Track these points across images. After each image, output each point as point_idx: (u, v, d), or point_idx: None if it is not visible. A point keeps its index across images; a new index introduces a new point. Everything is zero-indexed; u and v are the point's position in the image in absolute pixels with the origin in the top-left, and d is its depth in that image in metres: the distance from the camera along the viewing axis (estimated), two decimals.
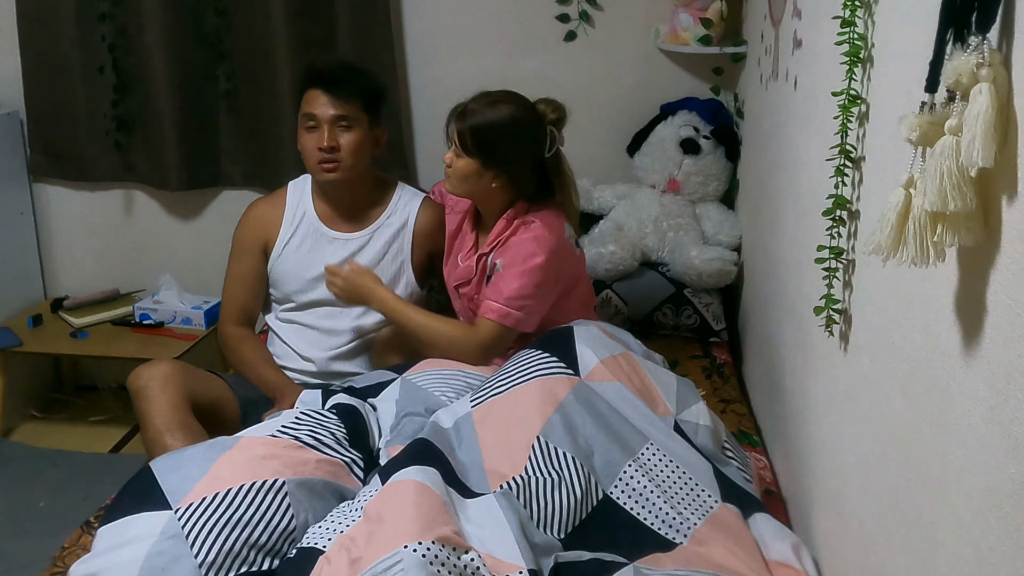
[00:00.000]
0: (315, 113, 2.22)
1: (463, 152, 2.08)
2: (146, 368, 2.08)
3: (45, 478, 2.89)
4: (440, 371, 2.03)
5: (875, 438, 1.35)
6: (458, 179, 2.11)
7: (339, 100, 2.22)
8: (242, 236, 2.41)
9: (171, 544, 1.49)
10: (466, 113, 2.08)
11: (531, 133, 2.10)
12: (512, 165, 2.11)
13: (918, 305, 1.18)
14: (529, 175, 2.14)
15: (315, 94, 2.24)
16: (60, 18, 3.04)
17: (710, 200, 2.90)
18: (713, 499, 1.68)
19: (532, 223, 2.11)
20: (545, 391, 1.79)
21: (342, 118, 2.22)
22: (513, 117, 2.07)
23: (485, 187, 2.11)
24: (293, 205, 2.39)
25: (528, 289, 2.08)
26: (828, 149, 1.52)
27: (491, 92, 2.12)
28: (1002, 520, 0.92)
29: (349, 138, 2.24)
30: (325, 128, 2.21)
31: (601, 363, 1.86)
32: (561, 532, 1.60)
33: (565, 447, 1.69)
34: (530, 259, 2.08)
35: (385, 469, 1.65)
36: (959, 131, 0.89)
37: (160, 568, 1.48)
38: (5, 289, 3.21)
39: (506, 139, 2.08)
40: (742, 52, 2.78)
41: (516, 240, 2.11)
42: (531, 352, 1.91)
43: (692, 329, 2.72)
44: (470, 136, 2.06)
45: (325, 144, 2.21)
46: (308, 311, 2.38)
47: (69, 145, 3.19)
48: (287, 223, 2.38)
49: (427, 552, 1.37)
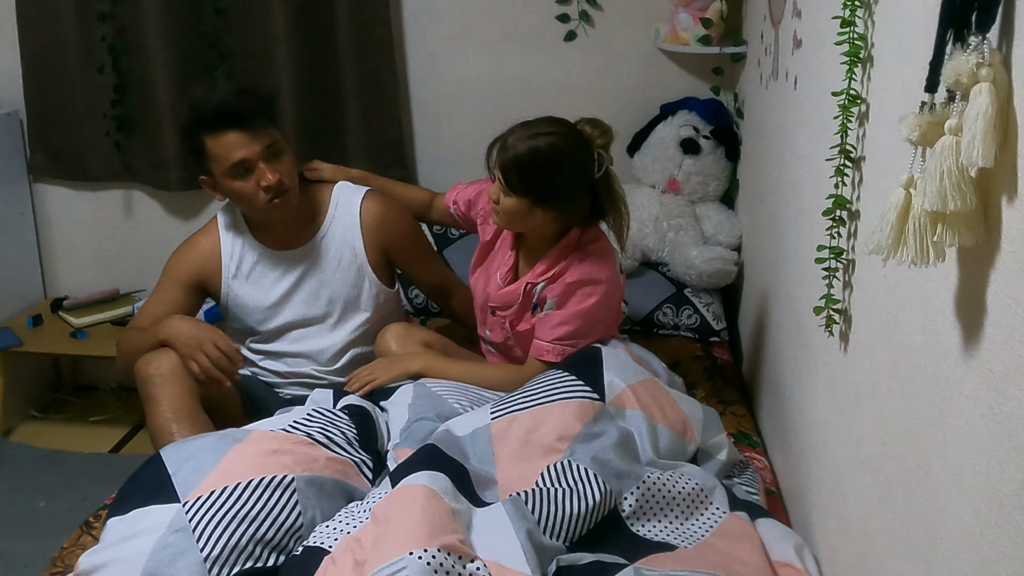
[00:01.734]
0: (245, 157, 2.00)
1: (510, 191, 1.93)
2: (155, 356, 2.00)
3: (45, 478, 2.89)
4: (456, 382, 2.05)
5: (875, 438, 1.35)
6: (507, 217, 1.98)
7: (256, 132, 2.01)
8: (176, 268, 2.20)
9: (177, 538, 1.51)
10: (507, 149, 1.93)
11: (580, 162, 1.95)
12: (563, 200, 1.97)
13: (918, 305, 1.18)
14: (580, 204, 2.01)
15: (228, 138, 2.00)
16: (60, 18, 3.04)
17: (710, 200, 2.90)
18: (721, 511, 1.69)
19: (586, 258, 2.00)
20: (567, 414, 1.78)
21: (268, 148, 2.03)
22: (558, 149, 1.91)
23: (536, 222, 1.99)
24: (228, 237, 2.22)
25: (581, 330, 2.01)
26: (828, 149, 1.52)
27: (530, 123, 1.96)
28: (1002, 520, 0.92)
29: (282, 164, 2.06)
30: (262, 166, 2.02)
31: (627, 388, 1.85)
32: (567, 541, 1.59)
33: (586, 464, 1.69)
34: (584, 300, 1.99)
35: (396, 472, 1.66)
36: (959, 131, 0.89)
37: (166, 561, 1.49)
38: (5, 289, 3.21)
39: (555, 175, 1.93)
40: (742, 52, 2.77)
41: (569, 277, 2.00)
42: (558, 373, 1.91)
43: (692, 329, 2.72)
44: (516, 176, 1.91)
45: (272, 182, 2.02)
46: (278, 340, 2.27)
47: (69, 145, 3.19)
48: (226, 256, 2.21)
49: (432, 560, 1.37)
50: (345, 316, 2.26)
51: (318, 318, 2.25)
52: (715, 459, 1.86)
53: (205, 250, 2.21)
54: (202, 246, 2.22)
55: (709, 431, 1.88)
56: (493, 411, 1.83)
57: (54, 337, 3.07)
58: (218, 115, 2.00)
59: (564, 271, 2.02)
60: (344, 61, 2.98)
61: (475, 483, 1.68)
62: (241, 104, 2.01)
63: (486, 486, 1.69)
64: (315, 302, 2.24)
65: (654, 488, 1.69)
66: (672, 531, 1.66)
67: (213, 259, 2.20)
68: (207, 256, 2.21)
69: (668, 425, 1.82)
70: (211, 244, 2.21)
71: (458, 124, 3.08)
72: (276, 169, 2.03)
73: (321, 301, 2.24)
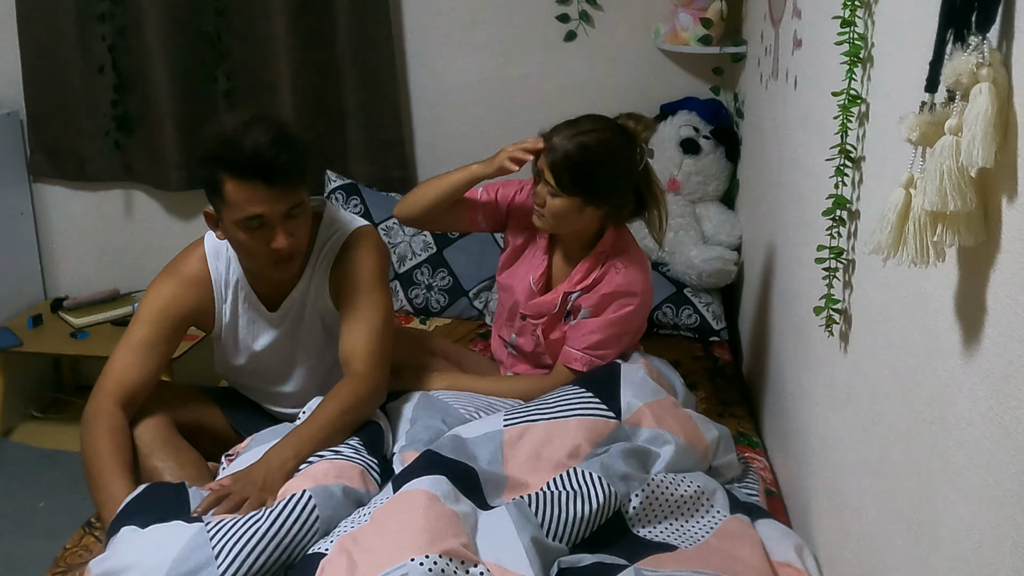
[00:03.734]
0: (262, 214, 1.75)
1: (560, 191, 1.90)
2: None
3: (45, 478, 2.89)
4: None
5: (875, 438, 1.35)
6: (555, 218, 1.95)
7: (284, 192, 1.76)
8: (167, 303, 1.91)
9: (197, 554, 1.49)
10: (555, 149, 1.89)
11: (627, 157, 1.95)
12: (614, 196, 1.96)
13: (918, 305, 1.18)
14: (627, 199, 2.00)
15: (253, 188, 1.73)
16: (60, 18, 3.04)
17: (710, 200, 2.90)
18: (722, 514, 1.69)
19: (625, 267, 1.99)
20: (582, 431, 1.78)
21: (293, 208, 1.78)
22: (608, 146, 1.90)
23: (584, 222, 1.97)
24: (219, 276, 1.96)
25: (611, 340, 2.01)
26: (828, 149, 1.52)
27: (573, 121, 1.93)
28: (1002, 520, 0.92)
29: (299, 226, 1.82)
30: (278, 226, 1.77)
31: (644, 406, 1.84)
32: (570, 543, 1.59)
33: (592, 468, 1.69)
34: (619, 310, 1.98)
35: (398, 477, 1.66)
36: (959, 131, 0.89)
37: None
38: (5, 289, 3.22)
39: (606, 171, 1.91)
40: (742, 52, 2.77)
41: (608, 286, 1.98)
42: (576, 389, 1.90)
43: (692, 329, 2.72)
44: (568, 176, 1.88)
45: (283, 246, 1.79)
46: (252, 376, 2.10)
47: (69, 145, 3.19)
48: (219, 296, 1.97)
49: (433, 566, 1.37)
50: (312, 361, 2.08)
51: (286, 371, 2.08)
52: (724, 477, 1.87)
53: (194, 279, 1.94)
54: (189, 275, 1.95)
55: (722, 451, 1.88)
56: (506, 419, 1.83)
57: (54, 337, 3.07)
58: (248, 162, 1.72)
59: (601, 279, 2.01)
60: (344, 61, 2.99)
61: (484, 485, 1.67)
62: (277, 156, 1.73)
63: (495, 489, 1.69)
64: (287, 358, 2.06)
65: (658, 491, 1.69)
66: (673, 532, 1.66)
67: (206, 294, 1.96)
68: (201, 290, 1.95)
69: (685, 438, 1.82)
70: (199, 272, 1.95)
71: (458, 124, 3.08)
72: (292, 231, 1.80)
73: (294, 357, 2.06)
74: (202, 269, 1.95)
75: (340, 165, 3.08)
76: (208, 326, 2.01)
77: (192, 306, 1.94)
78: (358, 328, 1.91)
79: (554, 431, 1.78)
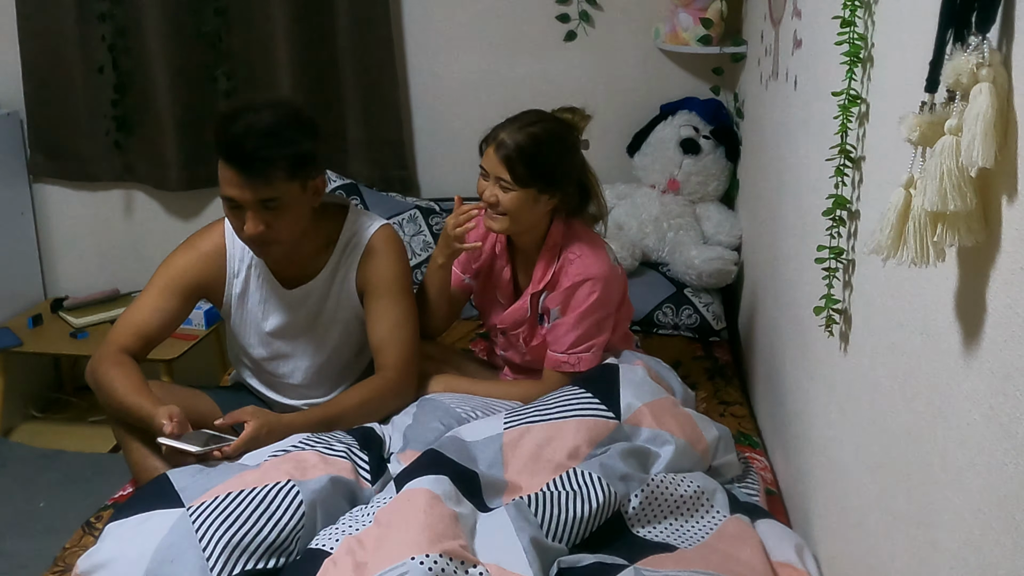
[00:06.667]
0: (234, 197, 1.79)
1: (514, 184, 1.91)
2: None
3: (45, 478, 2.89)
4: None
5: (875, 438, 1.35)
6: (510, 214, 1.94)
7: (257, 182, 1.77)
8: (174, 273, 1.98)
9: (180, 538, 1.51)
10: (506, 144, 1.91)
11: (573, 145, 2.00)
12: (567, 182, 1.99)
13: (918, 305, 1.18)
14: (575, 187, 2.03)
15: (230, 171, 1.77)
16: (60, 18, 3.04)
17: (710, 200, 2.90)
18: (722, 514, 1.69)
19: (578, 255, 2.00)
20: (582, 432, 1.78)
21: (268, 200, 1.79)
22: (556, 135, 1.96)
23: (538, 215, 1.99)
24: (234, 251, 2.02)
25: (590, 330, 2.01)
26: (828, 149, 1.52)
27: (515, 117, 1.97)
28: (1002, 520, 0.92)
29: (280, 219, 1.82)
30: (250, 213, 1.80)
31: (643, 407, 1.84)
32: (569, 543, 1.59)
33: (591, 469, 1.69)
34: (586, 299, 1.98)
35: (400, 477, 1.66)
36: (959, 131, 0.89)
37: (169, 560, 1.50)
38: (5, 289, 3.22)
39: (557, 157, 1.95)
40: (742, 52, 2.77)
41: (567, 279, 2.00)
42: (575, 390, 1.90)
43: (692, 329, 2.72)
44: (522, 165, 1.90)
45: (251, 232, 1.81)
46: (265, 363, 2.12)
47: (69, 145, 3.19)
48: (231, 271, 2.02)
49: (433, 565, 1.37)
50: (322, 357, 2.11)
51: (294, 359, 2.10)
52: (724, 477, 1.87)
53: (212, 259, 2.01)
54: (208, 254, 2.01)
55: (722, 451, 1.88)
56: (507, 420, 1.83)
57: (54, 337, 3.07)
58: (227, 147, 1.77)
59: (560, 272, 2.02)
60: (344, 61, 2.99)
61: (484, 488, 1.68)
62: (257, 148, 1.75)
63: (495, 492, 1.69)
64: (299, 346, 2.09)
65: (658, 491, 1.69)
66: (672, 532, 1.66)
67: (219, 269, 2.02)
68: (214, 266, 2.01)
69: (685, 439, 1.82)
70: (218, 254, 2.02)
71: (458, 124, 3.08)
72: (267, 222, 1.81)
73: (306, 347, 2.09)
74: (219, 244, 2.03)
75: (340, 164, 3.08)
76: (219, 299, 2.07)
77: (203, 276, 2.01)
78: (393, 332, 2.01)
79: (554, 432, 1.78)
